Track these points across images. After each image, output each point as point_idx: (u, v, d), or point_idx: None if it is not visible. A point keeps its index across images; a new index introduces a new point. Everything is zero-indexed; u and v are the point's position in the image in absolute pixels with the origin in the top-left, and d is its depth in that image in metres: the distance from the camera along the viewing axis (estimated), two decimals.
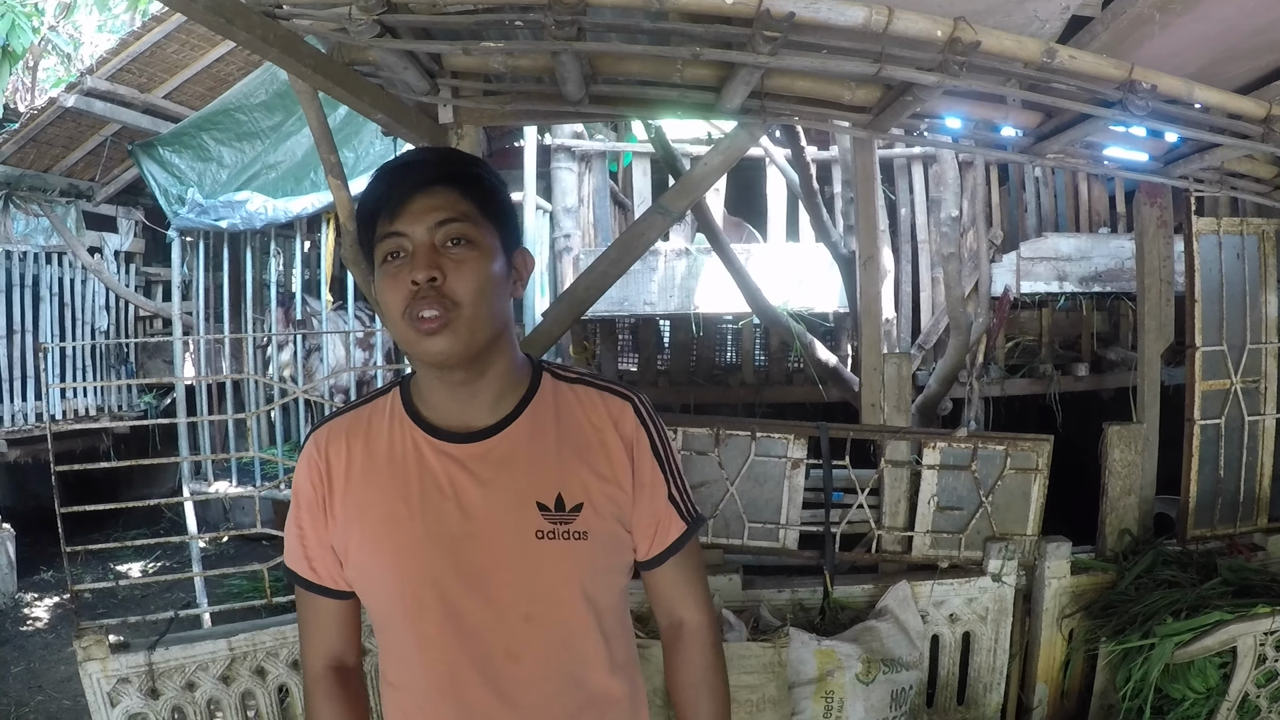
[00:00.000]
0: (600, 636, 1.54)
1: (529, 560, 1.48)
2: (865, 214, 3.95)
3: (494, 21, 2.20)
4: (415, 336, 1.42)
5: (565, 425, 1.55)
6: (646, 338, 6.75)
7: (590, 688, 1.54)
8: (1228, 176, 3.31)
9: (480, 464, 1.50)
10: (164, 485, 8.81)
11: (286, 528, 1.60)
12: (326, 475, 1.54)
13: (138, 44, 6.64)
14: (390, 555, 1.49)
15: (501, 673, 1.48)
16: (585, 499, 1.51)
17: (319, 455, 1.55)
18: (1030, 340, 6.38)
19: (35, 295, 8.09)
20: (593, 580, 1.53)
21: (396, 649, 1.54)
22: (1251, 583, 3.43)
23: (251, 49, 2.12)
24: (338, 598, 1.59)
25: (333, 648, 1.61)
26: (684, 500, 1.64)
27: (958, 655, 3.57)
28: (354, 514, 1.52)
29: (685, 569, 1.65)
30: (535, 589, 1.48)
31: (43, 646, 6.51)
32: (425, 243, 1.42)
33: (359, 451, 1.54)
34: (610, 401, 1.58)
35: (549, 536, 1.48)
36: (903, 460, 3.68)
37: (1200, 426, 3.81)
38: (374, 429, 1.56)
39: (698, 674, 1.65)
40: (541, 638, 1.49)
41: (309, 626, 1.62)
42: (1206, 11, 2.21)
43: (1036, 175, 6.65)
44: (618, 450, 1.56)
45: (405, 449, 1.52)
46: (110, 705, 3.01)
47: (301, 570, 1.58)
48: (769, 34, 2.06)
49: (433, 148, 1.79)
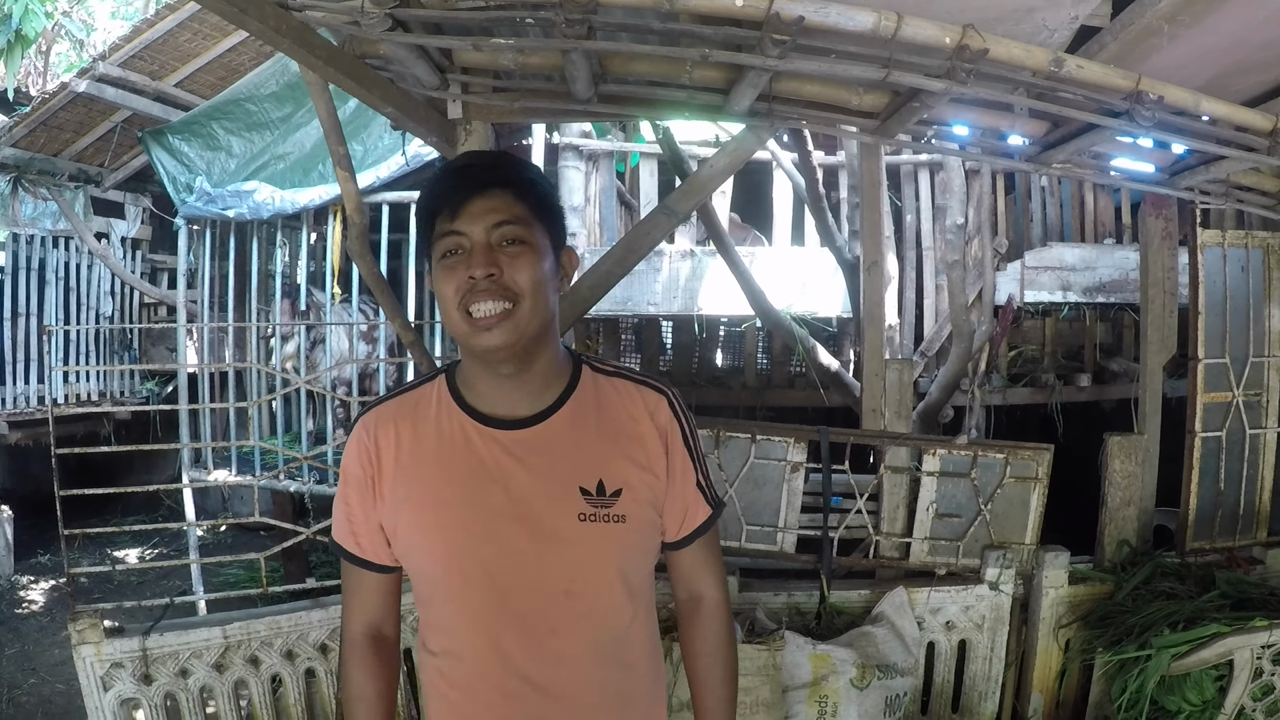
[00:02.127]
0: (632, 612, 1.65)
1: (571, 541, 1.57)
2: (870, 220, 3.95)
3: (505, 18, 2.20)
4: (470, 329, 1.52)
5: (605, 415, 1.65)
6: (649, 338, 6.75)
7: (622, 659, 1.65)
8: (1233, 189, 3.31)
9: (525, 450, 1.59)
10: (164, 472, 8.83)
11: (335, 504, 1.70)
12: (376, 457, 1.63)
13: (150, 31, 6.66)
14: (439, 534, 1.59)
15: (541, 644, 1.58)
16: (624, 485, 1.61)
17: (368, 438, 1.64)
18: (1033, 350, 6.38)
19: (41, 279, 8.12)
20: (628, 561, 1.64)
21: (441, 621, 1.63)
22: (1249, 596, 3.43)
23: (264, 39, 2.13)
24: (380, 571, 1.69)
25: (372, 617, 1.72)
26: (709, 487, 1.76)
27: (953, 663, 3.57)
28: (403, 495, 1.61)
29: (707, 550, 1.78)
30: (576, 568, 1.59)
31: (38, 630, 6.52)
32: (483, 242, 1.52)
33: (407, 436, 1.63)
34: (646, 394, 1.69)
35: (590, 519, 1.58)
36: (902, 466, 3.68)
37: (1201, 439, 3.81)
38: (421, 414, 1.64)
39: (713, 643, 1.78)
40: (579, 612, 1.59)
41: (352, 596, 1.72)
42: (1215, 25, 2.21)
43: (1043, 185, 6.64)
44: (653, 440, 1.66)
45: (453, 434, 1.61)
46: (103, 689, 3.02)
47: (348, 545, 1.68)
48: (778, 37, 2.06)
49: (490, 152, 1.97)
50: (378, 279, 3.35)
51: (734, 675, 1.81)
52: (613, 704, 1.65)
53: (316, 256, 7.46)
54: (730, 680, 1.80)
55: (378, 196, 5.88)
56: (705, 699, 1.79)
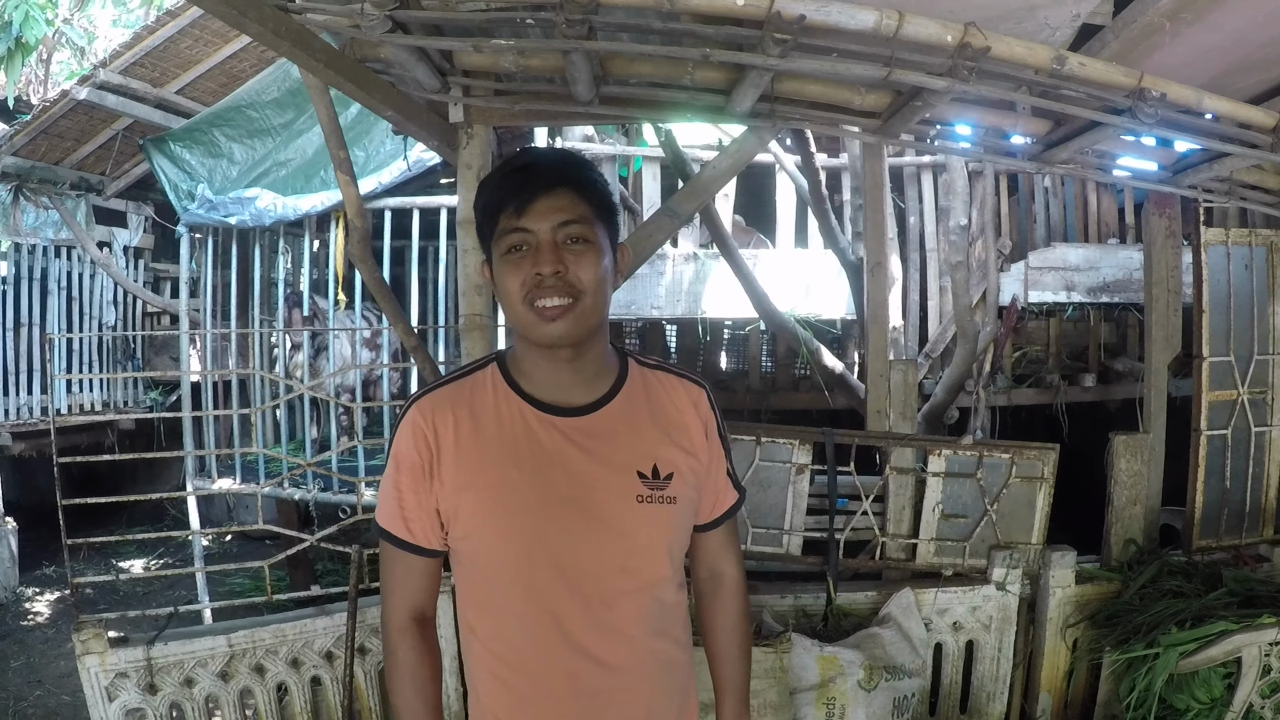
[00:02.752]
0: (674, 588, 1.75)
1: (630, 521, 1.66)
2: (874, 221, 3.95)
3: (505, 19, 2.20)
4: (535, 320, 1.59)
5: (655, 405, 1.76)
6: (653, 342, 6.73)
7: (667, 631, 1.74)
8: (1237, 187, 3.31)
9: (584, 436, 1.68)
10: (168, 482, 8.82)
11: (383, 489, 1.72)
12: (435, 442, 1.66)
13: (151, 38, 6.66)
14: (504, 517, 1.64)
15: (599, 619, 1.66)
16: (675, 469, 1.71)
17: (425, 423, 1.67)
18: (1037, 350, 6.36)
19: (43, 289, 8.12)
20: (676, 540, 1.75)
21: (498, 601, 1.68)
22: (1257, 593, 3.42)
23: (263, 42, 2.12)
24: (428, 555, 1.73)
25: (416, 600, 1.75)
26: (735, 475, 1.90)
27: (961, 663, 3.56)
28: (466, 479, 1.65)
29: (730, 533, 1.92)
30: (633, 546, 1.67)
31: (43, 641, 6.52)
32: (549, 240, 1.59)
33: (465, 421, 1.68)
34: (689, 387, 1.81)
35: (647, 501, 1.67)
36: (908, 467, 3.67)
37: (1207, 437, 3.80)
38: (478, 401, 1.70)
39: (733, 618, 1.91)
40: (633, 587, 1.68)
41: (396, 581, 1.75)
42: (1217, 22, 2.21)
43: (1045, 185, 6.62)
44: (697, 429, 1.78)
45: (512, 420, 1.68)
46: (108, 700, 3.01)
47: (396, 530, 1.71)
48: (779, 36, 2.06)
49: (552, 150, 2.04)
50: (380, 284, 3.35)
51: (750, 649, 1.94)
52: (662, 673, 1.74)
53: (319, 263, 7.46)
54: (747, 653, 1.92)
55: (380, 202, 5.88)
56: (726, 671, 1.90)
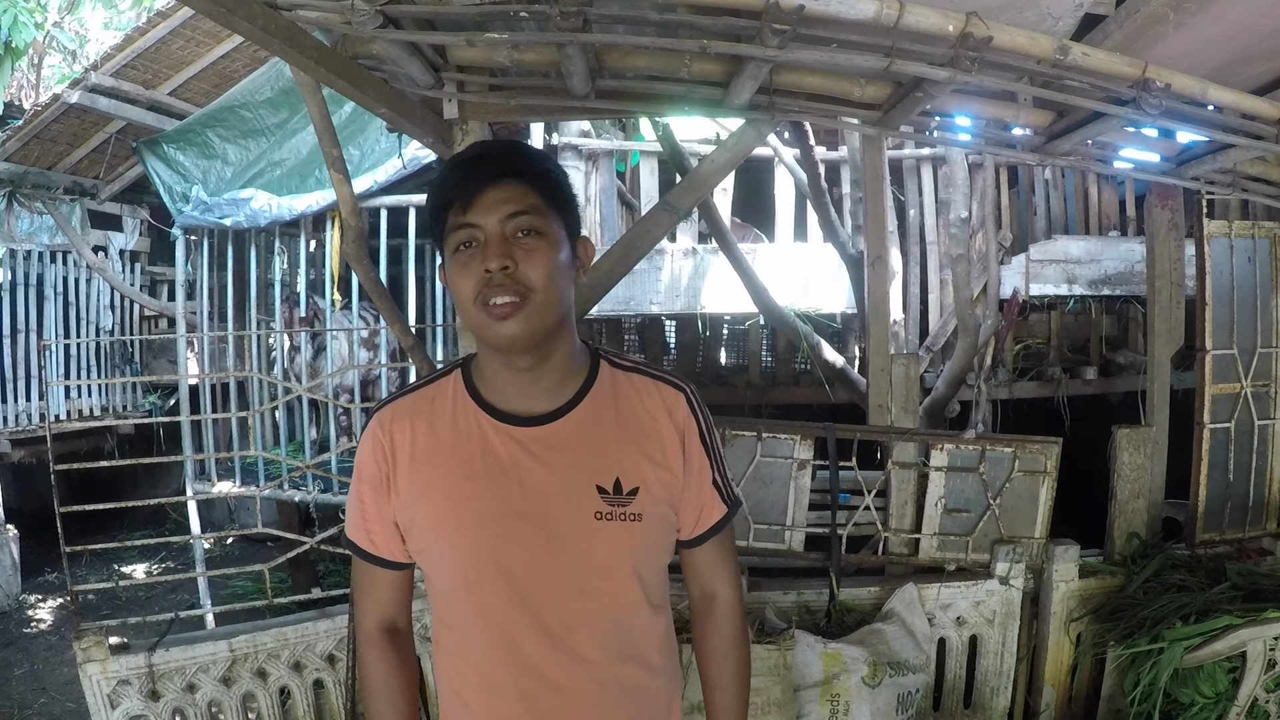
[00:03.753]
0: (648, 610, 1.65)
1: (587, 539, 1.57)
2: (874, 214, 3.93)
3: (499, 12, 2.18)
4: (487, 321, 1.50)
5: (623, 412, 1.65)
6: (652, 338, 6.72)
7: (637, 657, 1.64)
8: (1240, 179, 3.29)
9: (542, 447, 1.59)
10: (168, 486, 8.80)
11: (349, 500, 1.70)
12: (391, 453, 1.62)
13: (142, 40, 6.64)
14: (455, 531, 1.58)
15: (558, 643, 1.57)
16: (641, 483, 1.60)
17: (383, 434, 1.63)
18: (1039, 343, 6.35)
19: (39, 294, 8.09)
20: (643, 559, 1.63)
21: (455, 618, 1.63)
22: (1261, 587, 3.40)
23: (253, 40, 2.10)
24: (393, 568, 1.69)
25: (385, 612, 1.72)
26: (725, 485, 1.75)
27: (964, 658, 3.55)
28: (419, 491, 1.60)
29: (722, 549, 1.78)
30: (591, 566, 1.58)
31: (46, 648, 6.51)
32: (497, 233, 1.50)
33: (423, 431, 1.62)
34: (665, 391, 1.68)
35: (607, 518, 1.58)
36: (910, 462, 3.66)
37: (1210, 430, 3.78)
38: (437, 410, 1.64)
39: (727, 641, 1.78)
40: (594, 611, 1.59)
41: (365, 593, 1.72)
42: (1222, 12, 2.19)
43: (1046, 178, 6.62)
44: (671, 437, 1.66)
45: (469, 430, 1.61)
46: (110, 707, 3.00)
47: (361, 541, 1.68)
48: (778, 27, 2.03)
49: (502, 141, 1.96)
50: (376, 284, 3.32)
51: (746, 676, 1.80)
52: (628, 700, 1.64)
53: (316, 263, 7.43)
54: (743, 681, 1.79)
55: (376, 201, 5.86)
56: (718, 700, 1.78)
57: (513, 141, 1.71)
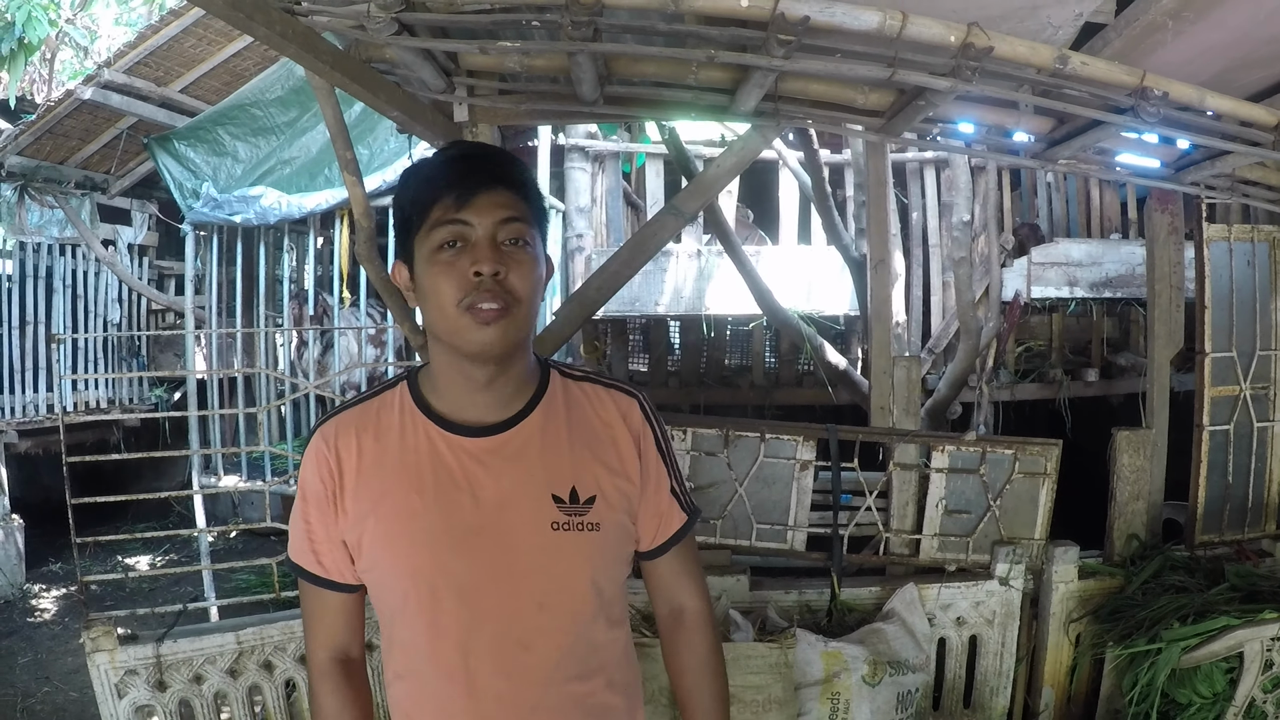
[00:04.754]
0: (606, 625, 1.58)
1: (545, 551, 1.51)
2: (877, 217, 3.96)
3: (510, 21, 2.21)
4: (469, 325, 1.43)
5: (576, 421, 1.59)
6: (657, 338, 6.76)
7: (598, 673, 1.57)
8: (1239, 184, 3.31)
9: (495, 457, 1.52)
10: (173, 479, 8.85)
11: (292, 522, 1.60)
12: (337, 470, 1.54)
13: (155, 38, 6.69)
14: (405, 547, 1.51)
15: (513, 660, 1.50)
16: (598, 492, 1.55)
17: (328, 450, 1.55)
18: (1040, 345, 6.38)
19: (48, 287, 8.15)
20: (602, 570, 1.57)
21: (407, 641, 1.55)
22: (1259, 589, 3.42)
23: (270, 44, 2.13)
24: (343, 591, 1.59)
25: (337, 640, 1.62)
26: (684, 493, 1.70)
27: (964, 658, 3.57)
28: (367, 508, 1.52)
29: (685, 559, 1.72)
30: (550, 578, 1.51)
31: (50, 638, 6.54)
32: (490, 236, 1.44)
33: (369, 445, 1.54)
34: (618, 398, 1.64)
35: (564, 528, 1.51)
36: (911, 463, 3.68)
37: (1209, 432, 3.80)
38: (384, 423, 1.56)
39: (700, 657, 1.71)
40: (553, 625, 1.52)
41: (314, 619, 1.62)
42: (1220, 20, 2.21)
43: (1048, 181, 6.65)
44: (627, 445, 1.61)
45: (418, 442, 1.54)
46: (118, 697, 3.01)
47: (308, 564, 1.59)
48: (784, 37, 2.07)
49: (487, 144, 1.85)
50: (386, 283, 3.35)
51: (724, 690, 1.73)
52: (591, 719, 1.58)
53: (324, 261, 7.48)
54: (721, 696, 1.72)
55: (384, 200, 5.87)
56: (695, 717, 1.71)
57: (499, 148, 1.65)
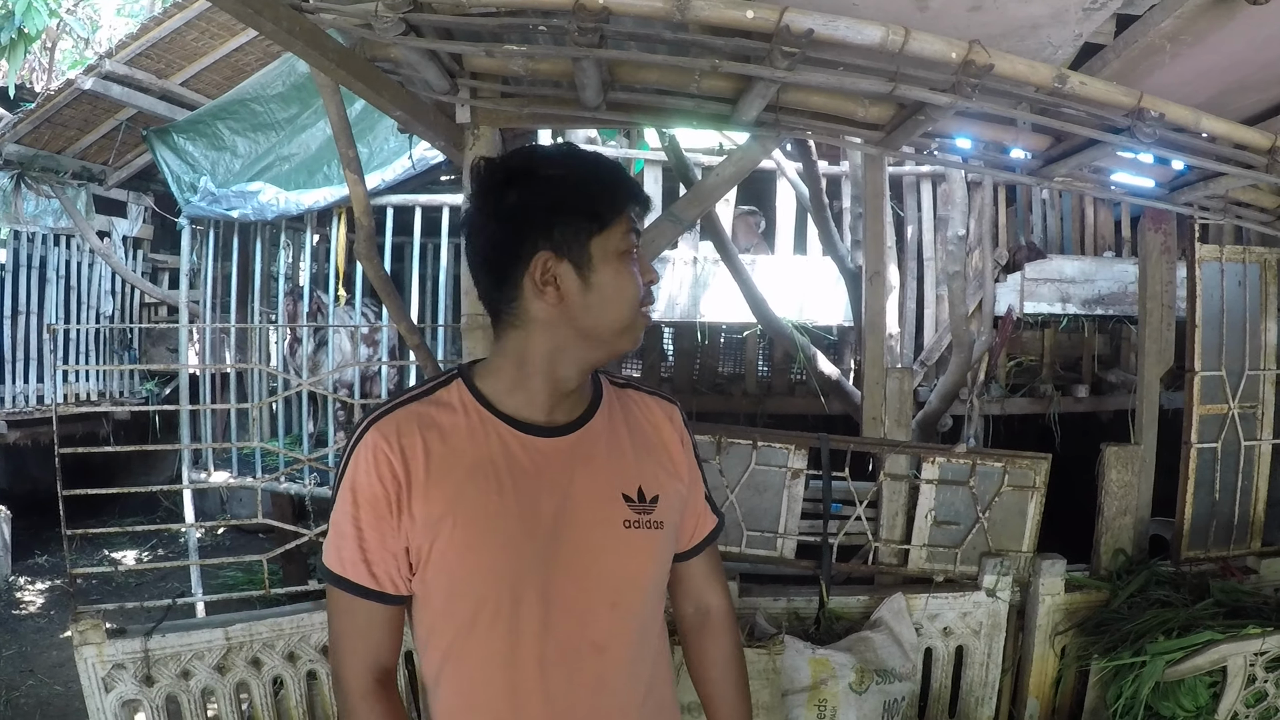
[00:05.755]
0: (658, 624, 1.63)
1: (620, 548, 1.53)
2: (873, 230, 3.98)
3: (516, 25, 2.22)
4: (640, 324, 1.53)
5: (633, 423, 1.64)
6: (651, 345, 6.75)
7: (657, 673, 1.62)
8: (1232, 205, 3.34)
9: (567, 457, 1.53)
10: (162, 473, 8.83)
11: (335, 528, 1.48)
12: (403, 470, 1.44)
13: (158, 29, 6.69)
14: (490, 551, 1.45)
15: (588, 663, 1.50)
16: (660, 491, 1.58)
17: (389, 447, 1.44)
18: (1032, 360, 6.41)
19: (42, 277, 8.12)
20: (662, 568, 1.62)
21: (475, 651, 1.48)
22: (1243, 604, 3.46)
23: (277, 41, 2.15)
24: (392, 603, 1.49)
25: (381, 658, 1.50)
26: (712, 498, 1.77)
27: (950, 668, 3.59)
28: (441, 510, 1.44)
29: (713, 560, 1.78)
30: (623, 576, 1.54)
31: (35, 631, 6.53)
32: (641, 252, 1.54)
33: (436, 444, 1.47)
34: (661, 404, 1.70)
35: (635, 526, 1.54)
36: (902, 474, 3.71)
37: (1197, 450, 3.83)
38: (446, 422, 1.50)
39: (726, 654, 1.76)
40: (624, 625, 1.54)
41: (356, 636, 1.49)
42: (1217, 44, 2.24)
43: (1043, 197, 6.68)
44: (676, 448, 1.67)
45: (489, 442, 1.49)
46: (105, 690, 3.01)
47: (357, 576, 1.46)
48: (787, 49, 2.08)
49: None
50: (386, 282, 3.37)
51: (747, 685, 1.77)
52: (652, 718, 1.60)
53: (320, 258, 7.48)
54: (744, 691, 1.76)
55: (382, 199, 5.91)
56: (723, 712, 1.75)
57: None
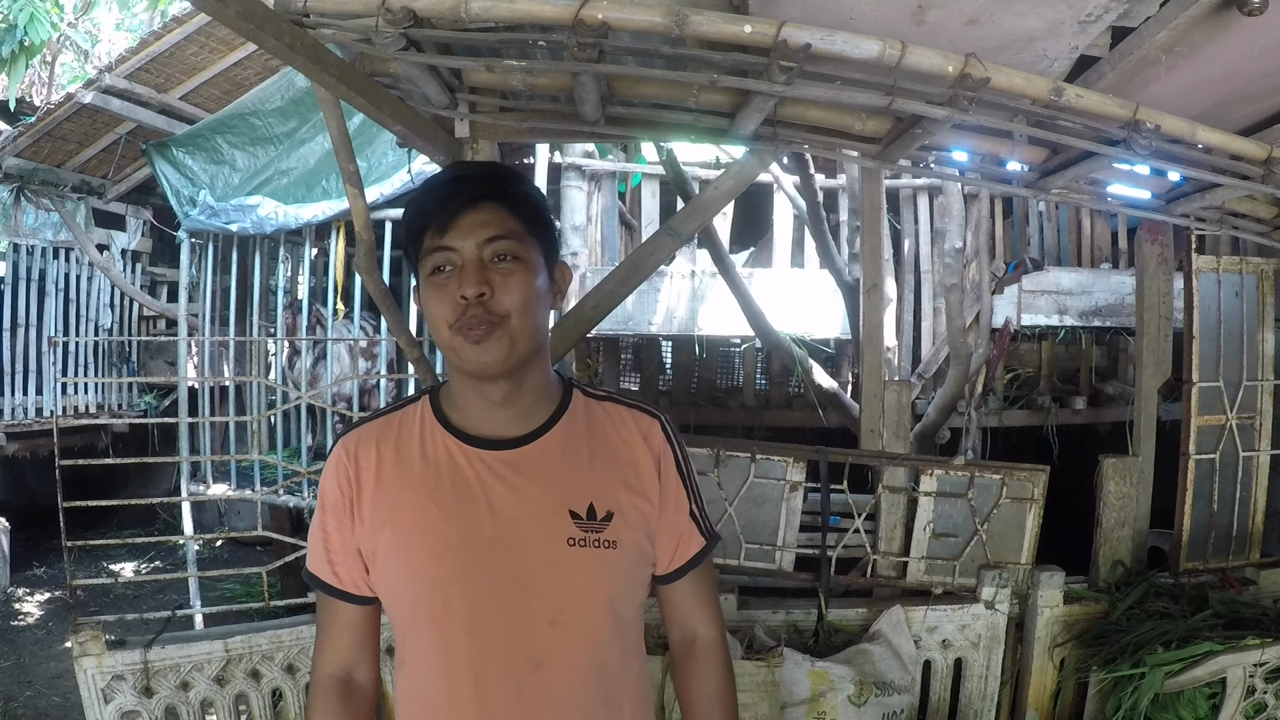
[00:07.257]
0: (621, 648, 1.56)
1: (560, 566, 1.49)
2: (870, 242, 3.99)
3: (515, 40, 2.23)
4: (462, 345, 1.46)
5: (596, 438, 1.59)
6: (649, 358, 6.77)
7: (609, 699, 1.55)
8: (1228, 216, 3.35)
9: (513, 471, 1.52)
10: (160, 486, 8.83)
11: (311, 531, 1.60)
12: (355, 478, 1.55)
13: (157, 44, 6.70)
14: (420, 556, 1.50)
15: (525, 679, 1.48)
16: (615, 509, 1.53)
17: (348, 459, 1.56)
18: (1029, 372, 6.41)
19: (41, 290, 8.14)
20: (619, 590, 1.55)
21: (418, 657, 1.53)
22: (1242, 615, 3.46)
23: (278, 55, 2.16)
24: (358, 603, 1.58)
25: (342, 657, 1.59)
26: (703, 518, 1.68)
27: (949, 681, 3.59)
28: (384, 516, 1.52)
29: (701, 585, 1.69)
30: (564, 595, 1.50)
31: (33, 642, 6.51)
32: (474, 258, 1.46)
33: (389, 455, 1.55)
34: (639, 418, 1.63)
35: (580, 544, 1.50)
36: (900, 486, 3.71)
37: (1195, 461, 3.84)
38: (405, 434, 1.57)
39: (711, 688, 1.68)
40: (566, 644, 1.50)
41: (324, 633, 1.61)
42: (1212, 55, 2.25)
43: (1040, 209, 6.69)
44: (646, 465, 1.60)
45: (437, 454, 1.54)
46: (104, 702, 3.01)
47: (324, 574, 1.58)
48: (785, 64, 2.09)
49: (479, 163, 1.83)
50: (386, 296, 3.37)
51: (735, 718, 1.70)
52: None
53: (318, 272, 7.50)
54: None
55: (381, 213, 5.91)
56: None
57: (492, 163, 1.64)
